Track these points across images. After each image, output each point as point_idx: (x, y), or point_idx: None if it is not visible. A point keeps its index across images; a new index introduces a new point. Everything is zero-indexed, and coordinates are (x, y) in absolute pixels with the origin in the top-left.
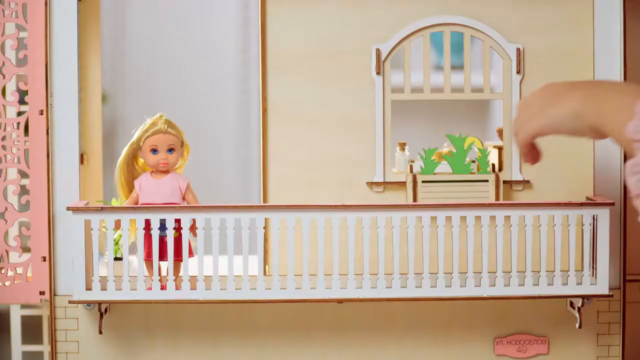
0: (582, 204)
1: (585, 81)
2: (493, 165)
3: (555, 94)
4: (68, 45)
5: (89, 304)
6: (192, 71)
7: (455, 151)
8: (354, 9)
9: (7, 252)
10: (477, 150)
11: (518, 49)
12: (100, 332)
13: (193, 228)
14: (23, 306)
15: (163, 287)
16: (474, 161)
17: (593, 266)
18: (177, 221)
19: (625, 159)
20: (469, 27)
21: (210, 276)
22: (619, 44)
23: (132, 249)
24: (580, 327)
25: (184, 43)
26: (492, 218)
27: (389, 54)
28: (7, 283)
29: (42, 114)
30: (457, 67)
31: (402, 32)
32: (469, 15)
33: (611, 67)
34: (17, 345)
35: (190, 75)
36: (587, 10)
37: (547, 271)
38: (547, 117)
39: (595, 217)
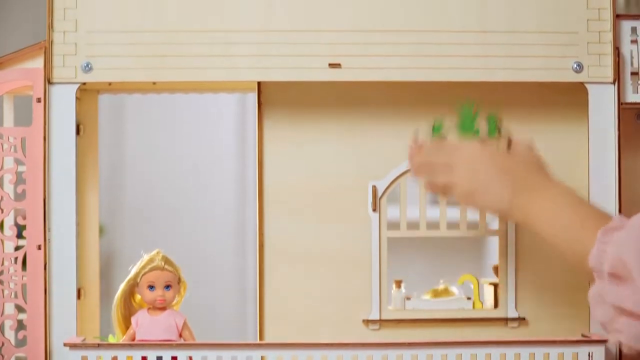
0: (577, 341)
1: (536, 175)
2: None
3: (493, 176)
4: (66, 180)
5: None
6: (189, 205)
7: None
8: (350, 146)
9: None
10: (471, 287)
11: None
12: None
13: None
14: None
15: None
16: (469, 298)
17: None
18: (174, 358)
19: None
20: None
21: None
22: (614, 180)
23: None
24: None
25: (181, 177)
26: (488, 355)
27: (385, 190)
28: None
29: (39, 248)
30: (453, 201)
31: (398, 169)
32: None
33: (606, 203)
34: None
35: (187, 209)
36: (582, 147)
37: None
38: (466, 202)
39: (590, 355)
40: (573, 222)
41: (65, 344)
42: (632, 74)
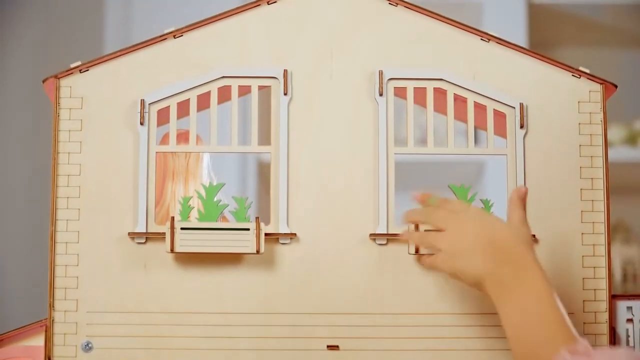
0: None
1: (519, 258)
2: None
3: (479, 242)
4: None
5: None
6: None
7: None
8: None
9: None
10: None
11: None
12: None
13: None
14: None
15: None
16: None
17: None
18: None
19: None
20: None
21: None
22: None
23: None
24: None
25: None
26: None
27: None
28: None
29: None
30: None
31: None
32: None
33: None
34: None
35: None
36: None
37: None
38: (445, 266)
39: None
40: (541, 324)
41: None
42: None
